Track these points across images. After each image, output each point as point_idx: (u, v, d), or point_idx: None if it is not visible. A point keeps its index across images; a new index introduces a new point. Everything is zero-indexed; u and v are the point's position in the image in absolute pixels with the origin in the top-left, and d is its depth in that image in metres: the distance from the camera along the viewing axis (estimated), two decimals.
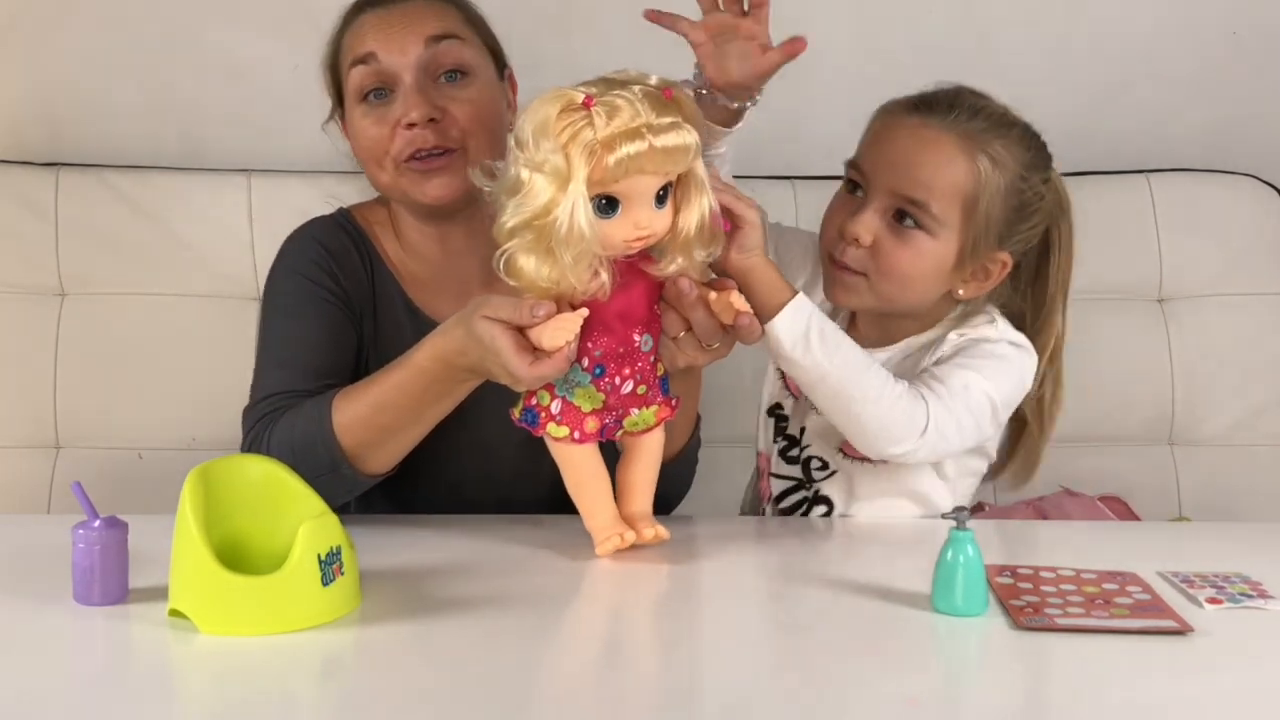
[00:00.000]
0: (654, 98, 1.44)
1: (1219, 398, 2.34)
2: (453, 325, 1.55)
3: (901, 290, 1.71)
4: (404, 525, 1.72)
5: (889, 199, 1.68)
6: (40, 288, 2.24)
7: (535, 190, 1.41)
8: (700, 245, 1.50)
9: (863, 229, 1.68)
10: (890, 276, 1.70)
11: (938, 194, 1.67)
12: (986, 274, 1.73)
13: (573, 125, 1.41)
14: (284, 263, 1.85)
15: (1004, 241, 1.71)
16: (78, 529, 1.42)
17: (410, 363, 1.59)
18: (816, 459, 1.82)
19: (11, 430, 2.21)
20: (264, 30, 2.35)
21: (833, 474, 1.80)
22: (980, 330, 1.73)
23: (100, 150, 2.32)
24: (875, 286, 1.71)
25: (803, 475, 1.84)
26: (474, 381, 1.58)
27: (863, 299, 1.73)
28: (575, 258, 1.42)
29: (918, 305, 1.75)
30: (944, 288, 1.73)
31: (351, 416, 1.62)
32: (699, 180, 1.48)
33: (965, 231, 1.68)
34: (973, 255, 1.70)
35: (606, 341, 1.51)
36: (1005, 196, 1.68)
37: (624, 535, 1.55)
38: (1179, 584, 1.53)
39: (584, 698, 1.30)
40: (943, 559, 1.43)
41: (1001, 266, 1.72)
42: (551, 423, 1.54)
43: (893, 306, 1.75)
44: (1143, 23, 2.47)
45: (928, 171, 1.67)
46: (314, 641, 1.36)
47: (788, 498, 1.85)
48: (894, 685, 1.31)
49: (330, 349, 1.78)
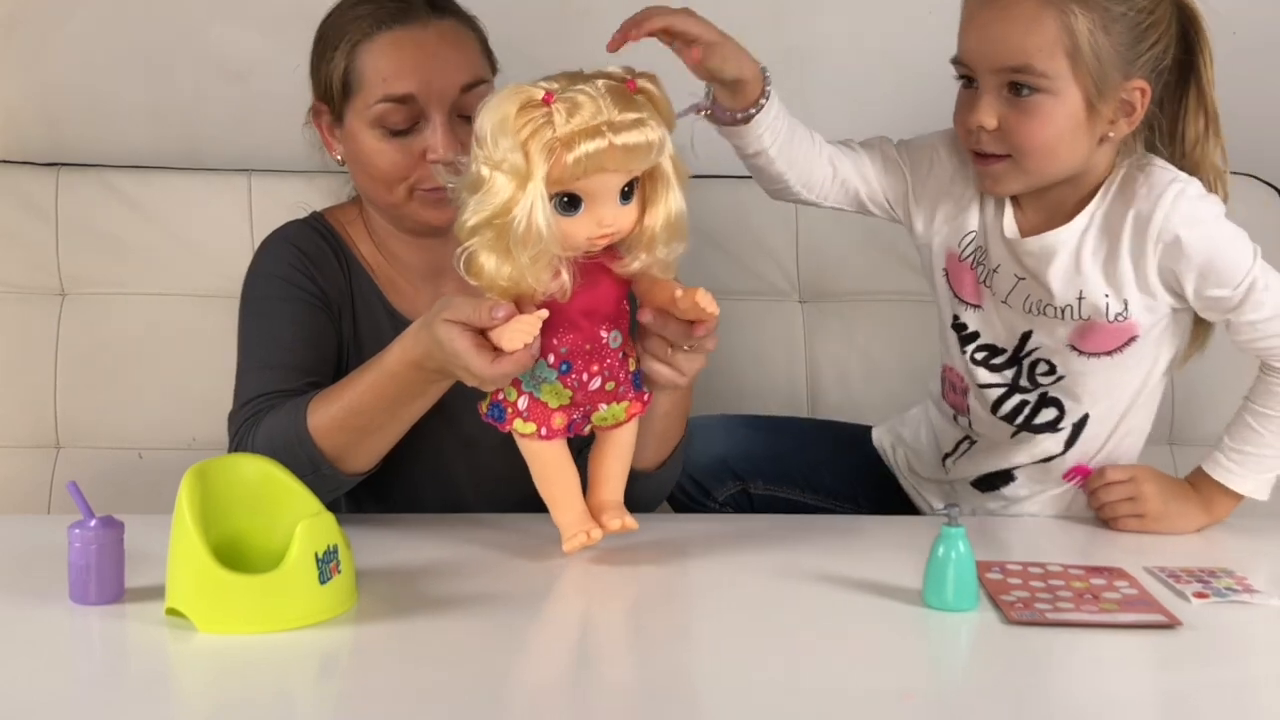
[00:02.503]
0: (618, 93, 1.41)
1: (1219, 398, 2.32)
2: (418, 328, 1.54)
3: (1050, 158, 1.70)
4: (399, 524, 1.73)
5: (996, 77, 1.68)
6: (40, 288, 2.24)
7: (495, 188, 1.40)
8: (664, 242, 1.47)
9: (984, 115, 1.69)
10: (1031, 149, 1.69)
11: (1036, 53, 1.65)
12: (1129, 108, 1.70)
13: (532, 122, 1.38)
14: (260, 266, 1.85)
15: (1130, 69, 1.68)
16: (73, 528, 1.42)
17: (381, 365, 1.59)
18: (1044, 362, 1.81)
19: (11, 430, 2.21)
20: (264, 30, 2.35)
21: (1060, 378, 1.80)
22: (1192, 213, 1.71)
23: (100, 150, 2.33)
24: (1022, 164, 1.70)
25: (1017, 380, 1.83)
26: (446, 382, 1.58)
27: (1016, 181, 1.73)
28: (533, 258, 1.40)
29: (1077, 165, 1.72)
30: (1093, 138, 1.71)
31: (327, 419, 1.62)
32: (666, 176, 1.46)
33: (1081, 78, 1.66)
34: (1101, 97, 1.67)
35: (572, 339, 1.49)
36: (1106, 27, 1.66)
37: (590, 533, 1.54)
38: (1165, 579, 1.54)
39: (578, 693, 1.31)
40: (934, 555, 1.44)
41: (1141, 94, 1.70)
42: (518, 419, 1.53)
43: (1048, 177, 1.73)
44: None
45: (1018, 37, 1.66)
46: (311, 639, 1.36)
47: (1003, 405, 1.84)
48: (887, 680, 1.32)
49: (311, 348, 1.78)
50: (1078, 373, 1.79)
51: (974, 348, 1.84)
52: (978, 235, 1.81)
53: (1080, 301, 1.75)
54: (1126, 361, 1.78)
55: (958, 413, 1.91)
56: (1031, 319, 1.79)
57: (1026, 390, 1.82)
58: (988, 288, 1.81)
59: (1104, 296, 1.74)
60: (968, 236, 1.81)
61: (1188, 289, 1.73)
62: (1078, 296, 1.75)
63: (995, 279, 1.80)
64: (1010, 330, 1.81)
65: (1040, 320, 1.78)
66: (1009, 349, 1.82)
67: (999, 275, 1.79)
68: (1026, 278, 1.77)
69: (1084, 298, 1.74)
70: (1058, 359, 1.79)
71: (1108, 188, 1.75)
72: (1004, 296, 1.79)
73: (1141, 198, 1.71)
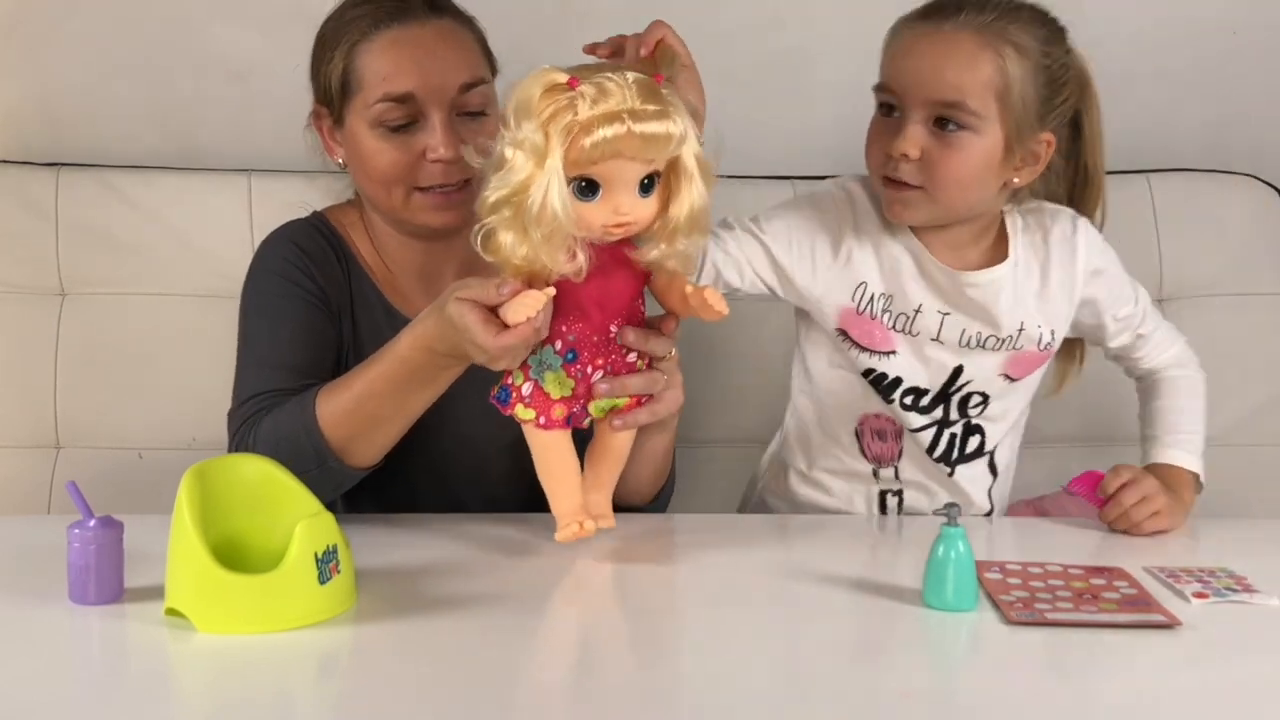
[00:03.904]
0: (645, 85, 1.43)
1: (1219, 398, 2.32)
2: (431, 312, 1.55)
3: (961, 193, 1.74)
4: (398, 524, 1.73)
5: (926, 109, 1.71)
6: (40, 288, 2.24)
7: (515, 167, 1.41)
8: (685, 234, 1.48)
9: (909, 144, 1.71)
10: (946, 183, 1.72)
11: (970, 91, 1.70)
12: (1036, 157, 1.76)
13: (555, 104, 1.40)
14: (261, 265, 1.85)
15: (1044, 120, 1.75)
16: (73, 528, 1.42)
17: (392, 353, 1.59)
18: (976, 395, 1.84)
19: (11, 430, 2.21)
20: (264, 30, 2.35)
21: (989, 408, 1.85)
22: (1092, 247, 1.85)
23: (100, 150, 2.32)
24: (934, 195, 1.73)
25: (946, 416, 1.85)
26: (456, 369, 1.58)
27: (923, 211, 1.76)
28: (546, 236, 1.41)
29: (978, 205, 1.78)
30: (999, 181, 1.76)
31: (337, 409, 1.63)
32: (688, 171, 1.46)
33: (1006, 121, 1.71)
34: (1019, 141, 1.73)
35: (581, 327, 1.50)
36: (1034, 76, 1.72)
37: (584, 524, 1.55)
38: (1165, 579, 1.54)
39: (577, 693, 1.31)
40: (934, 555, 1.44)
41: (1047, 146, 1.76)
42: (521, 404, 1.54)
43: (955, 213, 1.77)
44: (1143, 22, 2.46)
45: (955, 72, 1.70)
46: (310, 639, 1.36)
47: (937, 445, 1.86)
48: (886, 680, 1.32)
49: (310, 348, 1.78)
50: (1002, 399, 1.84)
51: (900, 393, 1.85)
52: (874, 285, 1.81)
53: (1020, 332, 1.81)
54: (1031, 385, 1.88)
55: (879, 465, 1.90)
56: (965, 353, 1.82)
57: (953, 423, 1.85)
58: (905, 333, 1.82)
59: (1038, 327, 1.82)
60: (860, 288, 1.81)
61: (1107, 314, 1.86)
62: (1018, 328, 1.81)
63: (919, 320, 1.81)
64: (939, 368, 1.83)
65: (974, 354, 1.82)
66: (934, 388, 1.84)
67: (923, 315, 1.81)
68: (953, 312, 1.80)
69: (1024, 329, 1.81)
70: (991, 388, 1.83)
71: (1014, 226, 1.83)
72: (934, 334, 1.81)
73: (1058, 235, 1.82)
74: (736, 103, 2.31)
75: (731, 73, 2.38)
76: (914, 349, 1.82)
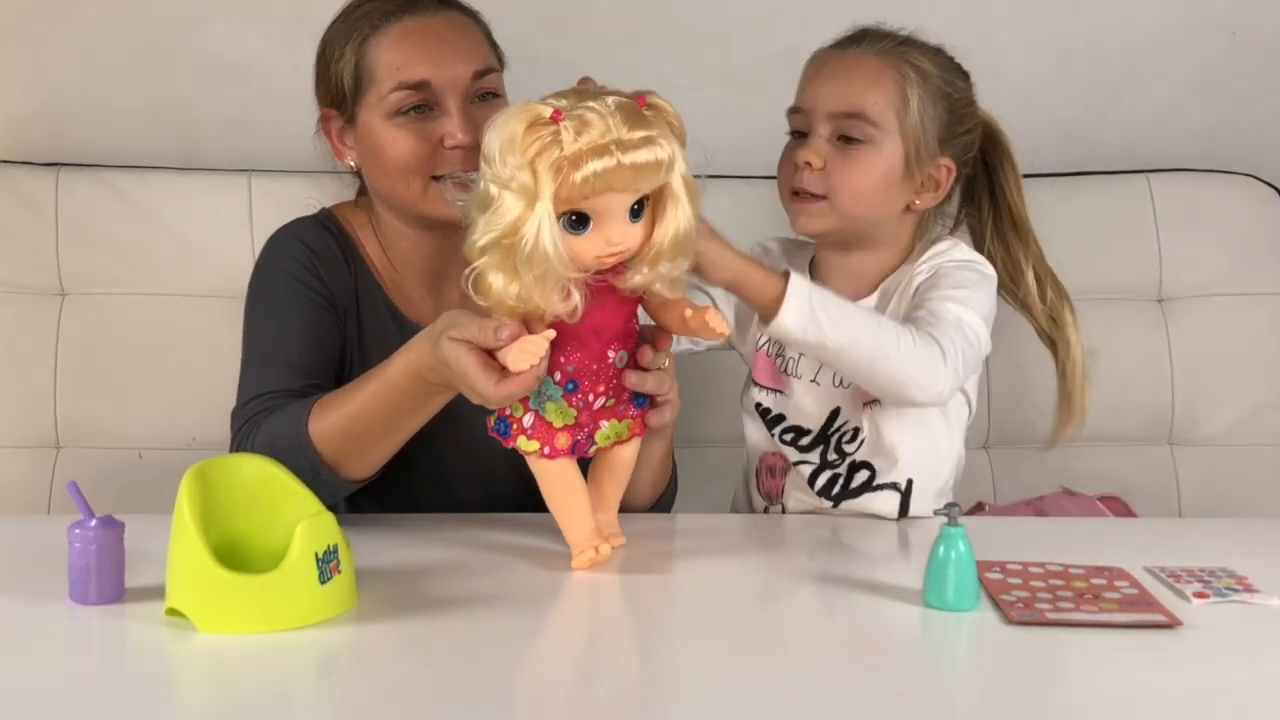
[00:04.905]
0: (627, 109, 1.39)
1: (1219, 398, 2.33)
2: (423, 340, 1.53)
3: (863, 203, 1.81)
4: (399, 524, 1.73)
5: (830, 123, 1.81)
6: (40, 288, 2.24)
7: (504, 207, 1.38)
8: (669, 259, 1.45)
9: (812, 154, 1.80)
10: (846, 192, 1.80)
11: (871, 103, 1.80)
12: (936, 183, 1.85)
13: (540, 140, 1.37)
14: (268, 262, 1.85)
15: (944, 146, 1.84)
16: (73, 528, 1.42)
17: (384, 375, 1.58)
18: (849, 431, 1.84)
19: (11, 430, 2.21)
20: (264, 30, 2.35)
21: (863, 441, 1.83)
22: (948, 254, 1.83)
23: (100, 150, 2.32)
24: (836, 205, 1.81)
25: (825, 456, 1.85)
26: (448, 395, 1.57)
27: (827, 220, 1.82)
28: (539, 277, 1.39)
29: (880, 219, 1.84)
30: (902, 200, 1.84)
31: (328, 426, 1.62)
32: (675, 194, 1.44)
33: (905, 137, 1.81)
34: (918, 161, 1.82)
35: (580, 357, 1.48)
36: (934, 99, 1.82)
37: (599, 549, 1.55)
38: (1165, 579, 1.54)
39: (577, 694, 1.31)
40: (934, 555, 1.44)
41: (948, 173, 1.85)
42: (523, 436, 1.52)
43: (856, 224, 1.83)
44: (1143, 23, 2.46)
45: (858, 86, 1.81)
46: (311, 639, 1.36)
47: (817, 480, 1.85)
48: (887, 680, 1.32)
49: (316, 348, 1.78)
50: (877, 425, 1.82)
51: (780, 430, 1.88)
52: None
53: None
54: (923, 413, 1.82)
55: (769, 502, 1.92)
56: (840, 393, 1.83)
57: (836, 465, 1.85)
58: (792, 375, 1.86)
59: None
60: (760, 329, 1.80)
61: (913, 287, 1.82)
62: None
63: (801, 361, 1.85)
64: (819, 408, 1.85)
65: (846, 393, 1.83)
66: (815, 429, 1.86)
67: (805, 358, 1.84)
68: None
69: None
70: (863, 421, 1.83)
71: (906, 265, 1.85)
72: (813, 375, 1.85)
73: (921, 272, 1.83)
74: (736, 103, 2.32)
75: (732, 73, 2.39)
76: (801, 389, 1.86)
